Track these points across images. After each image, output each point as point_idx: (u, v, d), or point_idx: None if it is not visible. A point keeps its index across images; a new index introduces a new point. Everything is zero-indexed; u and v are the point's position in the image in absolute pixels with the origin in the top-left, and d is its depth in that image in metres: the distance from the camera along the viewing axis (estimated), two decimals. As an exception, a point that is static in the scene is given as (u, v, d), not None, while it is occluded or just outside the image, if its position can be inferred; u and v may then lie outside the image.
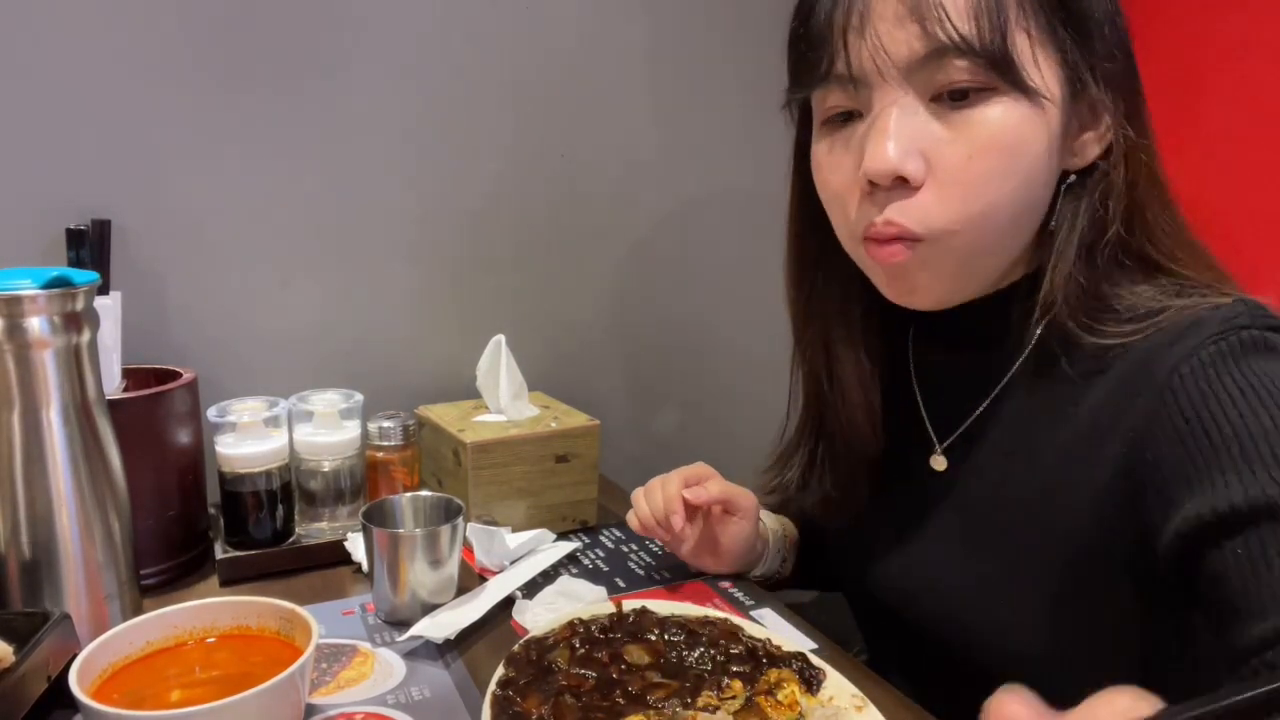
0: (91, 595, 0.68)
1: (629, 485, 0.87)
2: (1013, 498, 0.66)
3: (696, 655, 0.66)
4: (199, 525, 0.88)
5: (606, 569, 0.88)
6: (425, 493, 0.83)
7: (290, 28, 1.00)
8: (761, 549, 0.87)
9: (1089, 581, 0.60)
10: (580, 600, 0.77)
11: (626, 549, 0.93)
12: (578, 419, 0.99)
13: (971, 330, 0.70)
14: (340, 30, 1.03)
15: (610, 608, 0.70)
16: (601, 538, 0.96)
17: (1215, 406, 0.53)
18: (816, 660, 0.65)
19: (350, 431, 0.89)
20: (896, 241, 0.62)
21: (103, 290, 0.88)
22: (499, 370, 0.99)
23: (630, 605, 0.71)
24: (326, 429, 0.88)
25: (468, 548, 0.84)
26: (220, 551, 0.84)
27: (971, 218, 0.60)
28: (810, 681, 0.63)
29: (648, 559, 0.90)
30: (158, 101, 0.96)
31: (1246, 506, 0.48)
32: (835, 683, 0.63)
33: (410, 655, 0.71)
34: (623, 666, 0.63)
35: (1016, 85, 0.58)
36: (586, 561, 0.90)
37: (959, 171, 0.59)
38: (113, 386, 0.85)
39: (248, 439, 0.84)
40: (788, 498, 0.86)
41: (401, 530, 0.79)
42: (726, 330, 1.32)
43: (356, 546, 0.85)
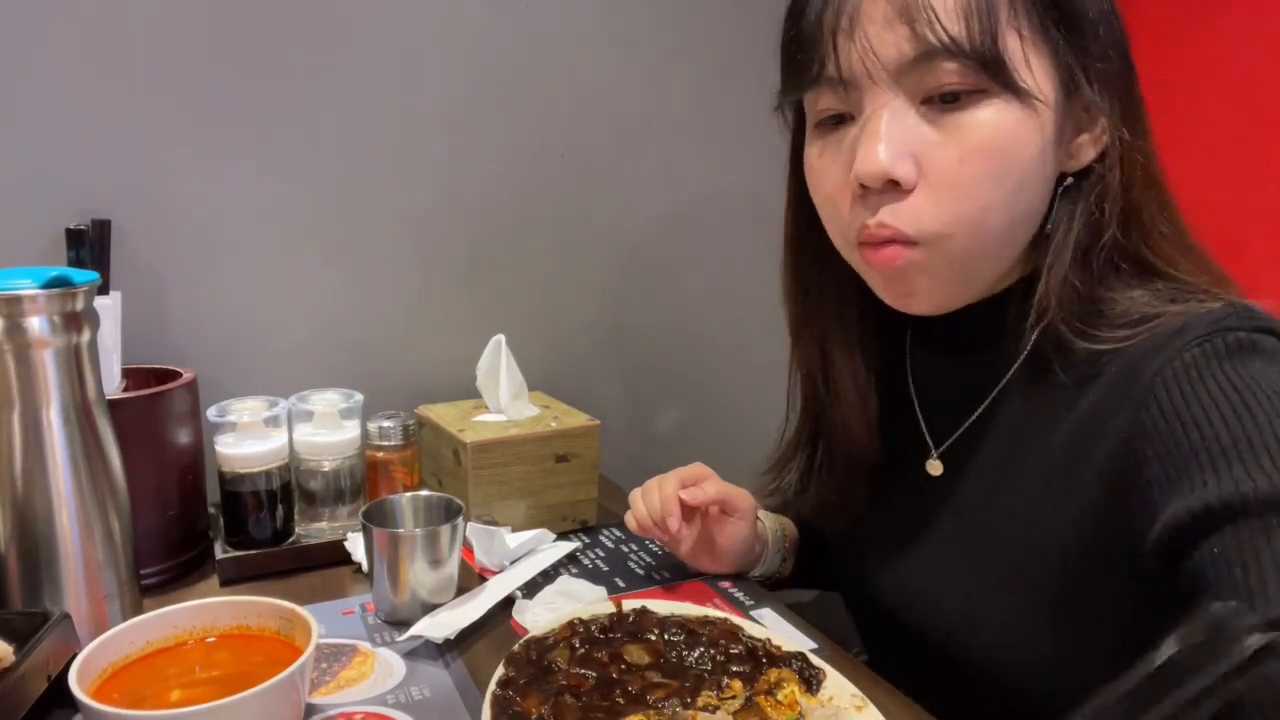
0: (91, 595, 0.68)
1: (629, 485, 0.87)
2: (1007, 503, 0.66)
3: (696, 655, 0.65)
4: (199, 525, 0.88)
5: (606, 569, 0.88)
6: (425, 493, 0.83)
7: (291, 28, 1.00)
8: (760, 549, 0.87)
9: (1085, 586, 0.60)
10: (580, 600, 0.77)
11: (626, 549, 0.93)
12: (578, 419, 0.99)
13: (968, 334, 0.69)
14: (341, 30, 1.03)
15: (610, 608, 0.70)
16: (601, 538, 0.96)
17: (1196, 408, 0.52)
18: (816, 660, 0.65)
19: (350, 431, 0.89)
20: (892, 244, 0.61)
21: (103, 290, 0.88)
22: (499, 370, 0.99)
23: (630, 605, 0.71)
24: (326, 429, 0.89)
25: (468, 548, 0.84)
26: (220, 551, 0.84)
27: (965, 220, 0.60)
28: (810, 681, 0.63)
29: (647, 559, 0.90)
30: (158, 101, 0.96)
31: (1221, 505, 0.48)
32: (835, 683, 0.63)
33: (410, 655, 0.71)
34: (623, 666, 0.63)
35: (1008, 87, 0.57)
36: (586, 561, 0.90)
37: (950, 174, 0.59)
38: (113, 386, 0.85)
39: (248, 439, 0.84)
40: (786, 500, 0.86)
41: (401, 530, 0.79)
42: (727, 330, 1.32)
43: (356, 546, 0.85)
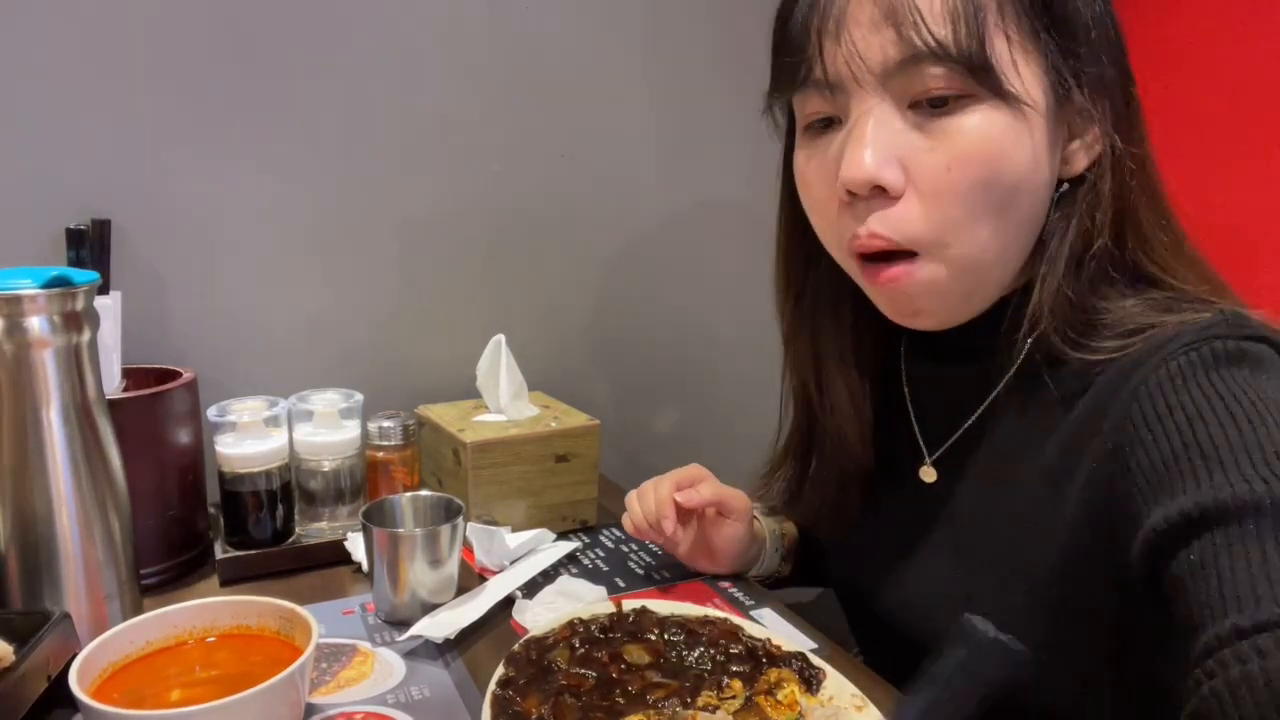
0: (91, 595, 0.68)
1: (629, 485, 0.87)
2: (1000, 513, 0.65)
3: (696, 655, 0.66)
4: (199, 525, 0.88)
5: (606, 569, 0.88)
6: (425, 492, 0.83)
7: (291, 28, 1.00)
8: (757, 550, 0.87)
9: (1077, 593, 0.59)
10: (580, 600, 0.77)
11: (626, 549, 0.93)
12: (578, 419, 0.99)
13: (963, 342, 0.68)
14: (342, 31, 1.03)
15: (610, 607, 0.70)
16: (601, 537, 0.96)
17: (1180, 415, 0.51)
18: (816, 660, 0.65)
19: (350, 431, 0.90)
20: (894, 263, 0.60)
21: (103, 290, 0.88)
22: (499, 370, 0.99)
23: (630, 605, 0.71)
24: (326, 429, 0.89)
25: (468, 548, 0.84)
26: (220, 551, 0.84)
27: (956, 227, 0.58)
28: (810, 681, 0.63)
29: (647, 559, 0.90)
30: (158, 101, 0.96)
31: (1199, 512, 0.47)
32: (835, 683, 0.63)
33: (410, 655, 0.71)
34: (622, 666, 0.63)
35: (996, 92, 0.56)
36: (586, 561, 0.90)
37: (937, 181, 0.58)
38: (113, 386, 0.85)
39: (247, 439, 0.84)
40: (783, 504, 0.86)
41: (401, 530, 0.79)
42: (727, 330, 1.32)
43: (356, 546, 0.85)
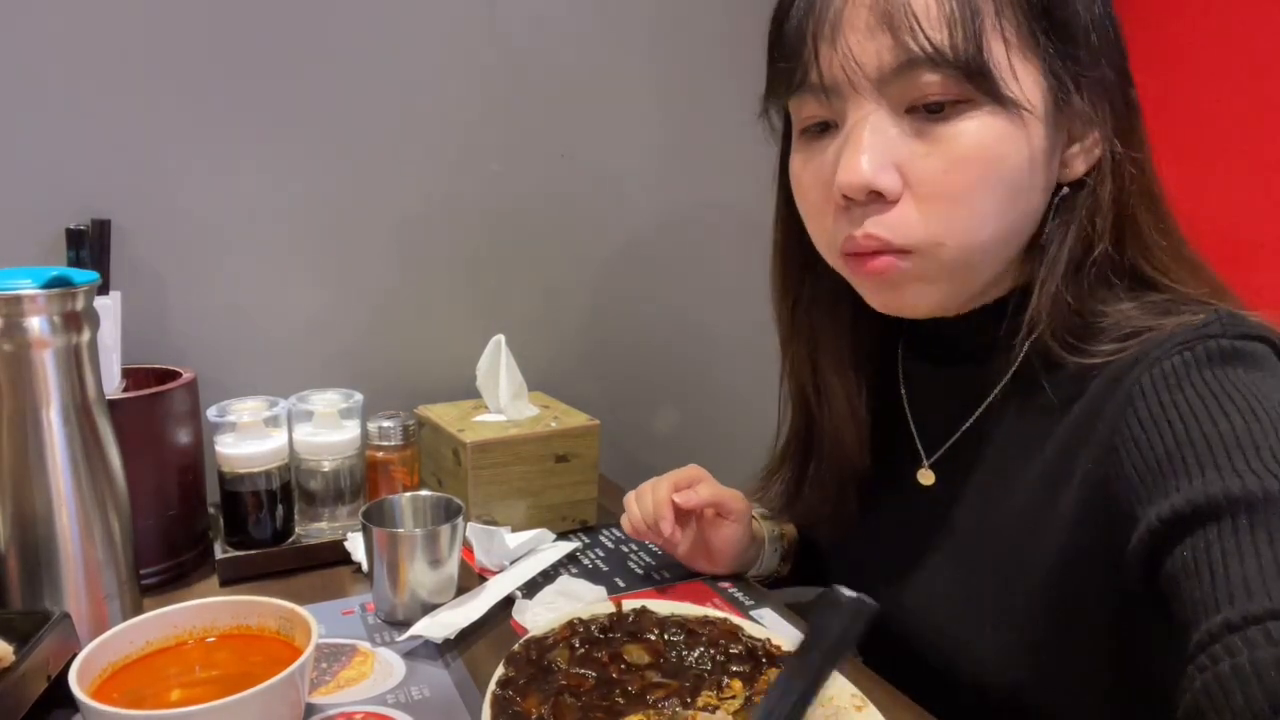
0: (91, 595, 0.68)
1: (629, 485, 0.87)
2: (998, 515, 0.65)
3: (696, 655, 0.66)
4: (199, 525, 0.88)
5: (606, 569, 0.88)
6: (425, 493, 0.83)
7: (291, 28, 1.00)
8: (756, 551, 0.87)
9: (1075, 594, 0.59)
10: (580, 600, 0.78)
11: (626, 549, 0.93)
12: (578, 419, 0.99)
13: (960, 346, 0.68)
14: (341, 31, 1.03)
15: (610, 607, 0.70)
16: (601, 538, 0.96)
17: (1173, 414, 0.52)
18: (816, 660, 0.65)
19: (350, 431, 0.90)
20: (882, 255, 0.60)
21: (103, 290, 0.88)
22: (499, 370, 0.99)
23: (630, 605, 0.71)
24: (326, 429, 0.89)
25: (468, 548, 0.84)
26: (220, 551, 0.84)
27: (955, 230, 0.58)
28: (810, 681, 0.63)
29: (647, 559, 0.90)
30: (158, 101, 0.96)
31: (1192, 509, 0.47)
32: (835, 683, 0.63)
33: (410, 655, 0.71)
34: (622, 666, 0.63)
35: (993, 97, 0.55)
36: (586, 561, 0.90)
37: (935, 185, 0.57)
38: (113, 386, 0.85)
39: (247, 439, 0.84)
40: (781, 506, 0.86)
41: (401, 530, 0.79)
42: (726, 330, 1.32)
43: (356, 546, 0.85)
